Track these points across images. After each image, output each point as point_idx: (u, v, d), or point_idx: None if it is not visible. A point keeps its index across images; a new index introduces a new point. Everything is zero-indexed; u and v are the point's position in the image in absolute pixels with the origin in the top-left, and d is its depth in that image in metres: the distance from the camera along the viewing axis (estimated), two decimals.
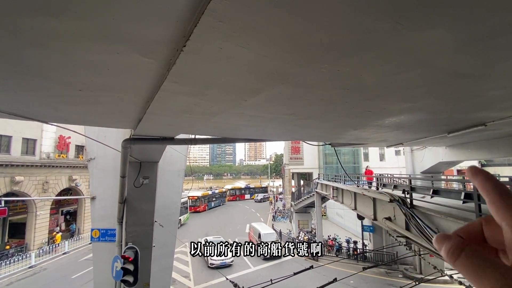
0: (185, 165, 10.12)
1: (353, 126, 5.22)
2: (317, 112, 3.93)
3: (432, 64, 2.20)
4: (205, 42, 1.59)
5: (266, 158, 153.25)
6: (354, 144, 8.65)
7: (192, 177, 16.43)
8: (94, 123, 4.86)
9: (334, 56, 1.99)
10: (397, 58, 2.09)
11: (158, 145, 6.25)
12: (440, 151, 11.53)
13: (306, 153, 34.12)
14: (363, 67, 2.26)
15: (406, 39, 1.77)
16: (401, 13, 1.46)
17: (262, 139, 6.97)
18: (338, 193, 12.34)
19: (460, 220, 4.27)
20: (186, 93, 2.59)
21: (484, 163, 26.85)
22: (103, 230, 8.52)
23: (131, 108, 3.40)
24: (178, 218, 9.94)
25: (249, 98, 2.86)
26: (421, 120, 4.86)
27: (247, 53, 1.75)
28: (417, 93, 3.05)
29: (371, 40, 1.78)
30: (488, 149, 8.87)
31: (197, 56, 1.78)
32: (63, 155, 22.86)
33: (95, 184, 8.79)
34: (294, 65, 2.09)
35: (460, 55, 2.07)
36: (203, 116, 3.83)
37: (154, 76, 2.23)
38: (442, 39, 1.78)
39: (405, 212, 5.33)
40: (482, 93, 3.06)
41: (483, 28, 1.69)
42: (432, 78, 2.50)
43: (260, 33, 1.55)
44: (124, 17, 1.44)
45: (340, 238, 20.17)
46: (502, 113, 4.60)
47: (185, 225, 31.71)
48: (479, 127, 5.47)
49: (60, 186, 22.78)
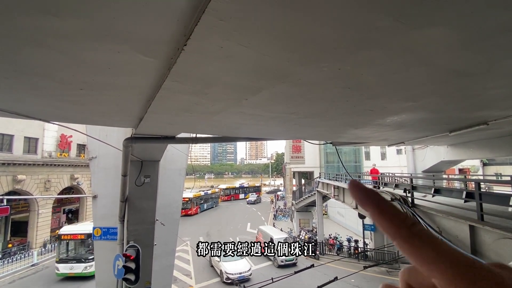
0: (186, 164, 10.14)
1: (354, 125, 5.21)
2: (318, 110, 3.93)
3: (433, 62, 2.19)
4: (206, 41, 1.59)
5: (267, 157, 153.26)
6: (355, 143, 8.64)
7: (194, 176, 16.11)
8: (96, 122, 4.87)
9: (335, 55, 1.99)
10: (398, 57, 2.08)
11: (159, 144, 6.26)
12: (441, 150, 11.49)
13: (307, 152, 34.08)
14: (364, 66, 2.25)
15: (407, 37, 1.76)
16: (402, 11, 1.45)
17: (263, 138, 6.97)
18: (339, 192, 12.33)
19: (461, 220, 4.26)
20: (187, 92, 2.60)
21: (486, 162, 26.76)
22: (104, 229, 8.56)
23: (132, 107, 3.41)
24: (180, 216, 9.94)
25: (249, 97, 2.86)
26: (423, 119, 4.84)
27: (248, 52, 1.75)
28: (418, 92, 3.04)
29: (372, 39, 1.77)
30: (490, 148, 8.83)
31: (198, 55, 1.78)
32: (65, 153, 22.95)
33: (96, 182, 8.82)
34: (295, 64, 2.09)
35: (461, 54, 2.06)
36: (204, 115, 3.83)
37: (155, 75, 2.23)
38: (443, 37, 1.77)
39: (406, 211, 5.32)
40: (483, 91, 3.05)
41: (484, 26, 1.69)
42: (433, 77, 2.50)
43: (260, 31, 1.54)
44: (124, 17, 1.44)
45: (341, 237, 20.19)
46: (504, 112, 4.57)
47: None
48: (481, 126, 5.45)
49: (62, 184, 22.89)
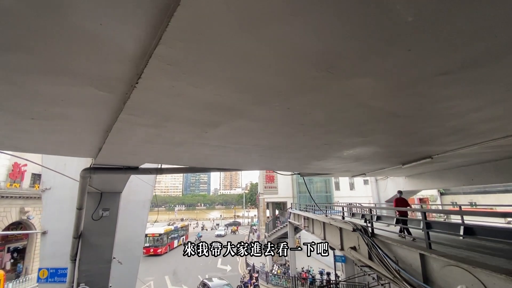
0: (151, 195, 9.68)
1: (315, 157, 5.49)
2: (279, 143, 4.13)
3: (369, 105, 2.49)
4: (157, 81, 1.70)
5: (241, 187, 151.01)
6: (321, 174, 8.97)
7: (157, 209, 14.33)
8: (52, 151, 4.62)
9: (282, 97, 2.19)
10: (338, 100, 2.35)
11: (121, 174, 6.01)
12: (400, 181, 12.30)
13: (280, 182, 34.17)
14: (311, 106, 2.49)
15: (341, 84, 2.02)
16: (330, 64, 1.69)
17: (231, 169, 7.00)
18: (309, 223, 12.39)
19: (413, 248, 4.50)
20: (144, 125, 2.63)
21: (443, 192, 28.78)
22: (52, 270, 7.63)
23: (89, 137, 3.33)
24: (141, 252, 9.22)
25: (209, 130, 2.96)
26: (376, 152, 5.26)
27: (199, 91, 1.88)
28: (365, 129, 3.37)
29: (312, 85, 2.01)
30: (440, 179, 9.67)
31: (151, 92, 1.88)
32: (16, 184, 20.76)
33: (48, 217, 8.02)
34: (247, 103, 2.25)
35: (391, 98, 2.38)
36: (167, 146, 3.84)
37: (111, 108, 2.26)
38: (371, 85, 2.06)
39: (367, 241, 5.49)
40: (419, 130, 3.46)
41: (404, 77, 2.00)
42: (372, 117, 2.81)
43: (209, 76, 1.69)
44: (75, 55, 1.51)
45: (313, 270, 19.77)
46: (444, 147, 5.14)
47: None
48: (427, 159, 6.03)
49: (8, 219, 20.31)
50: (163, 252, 30.12)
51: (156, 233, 29.77)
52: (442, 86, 2.09)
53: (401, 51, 1.59)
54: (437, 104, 2.51)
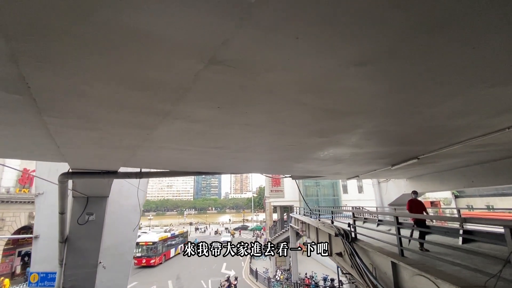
0: (144, 200, 9.74)
1: (290, 159, 5.32)
2: (241, 146, 4.00)
3: (303, 102, 2.34)
4: (44, 80, 1.64)
5: (252, 191, 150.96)
6: (311, 177, 8.75)
7: (148, 214, 13.84)
8: (15, 155, 4.74)
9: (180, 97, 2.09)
10: (267, 97, 2.21)
11: (102, 179, 6.05)
12: (402, 183, 11.82)
13: (287, 186, 33.59)
14: (246, 106, 2.37)
15: (264, 79, 1.89)
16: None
17: (213, 172, 6.92)
18: (306, 227, 12.08)
19: (385, 255, 4.23)
20: (78, 127, 2.60)
21: (457, 194, 27.48)
22: (42, 274, 7.75)
23: (42, 141, 3.33)
24: (133, 257, 9.25)
25: (150, 132, 2.89)
26: (354, 153, 5.04)
27: (97, 89, 1.81)
28: (319, 128, 3.19)
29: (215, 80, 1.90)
30: (440, 181, 9.22)
31: (51, 92, 1.82)
32: (25, 189, 21.48)
33: (40, 221, 8.20)
34: (160, 103, 2.14)
35: (322, 95, 2.23)
36: (124, 150, 3.80)
37: (31, 111, 2.23)
38: (287, 79, 1.93)
39: (346, 246, 5.21)
40: (381, 129, 3.26)
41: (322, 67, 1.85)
42: (314, 115, 2.65)
43: (95, 72, 1.62)
44: None
45: (317, 276, 19.27)
46: (427, 147, 4.87)
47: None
48: (414, 160, 5.74)
49: (18, 224, 21.01)
50: (157, 263, 27.00)
51: (149, 241, 26.74)
52: (365, 79, 1.93)
53: (290, 38, 1.47)
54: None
